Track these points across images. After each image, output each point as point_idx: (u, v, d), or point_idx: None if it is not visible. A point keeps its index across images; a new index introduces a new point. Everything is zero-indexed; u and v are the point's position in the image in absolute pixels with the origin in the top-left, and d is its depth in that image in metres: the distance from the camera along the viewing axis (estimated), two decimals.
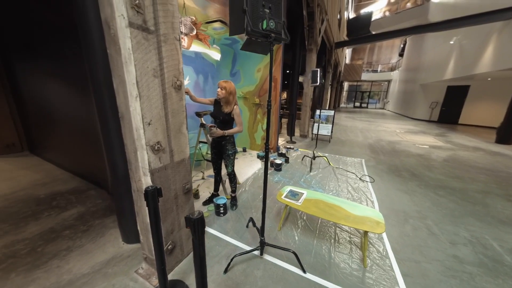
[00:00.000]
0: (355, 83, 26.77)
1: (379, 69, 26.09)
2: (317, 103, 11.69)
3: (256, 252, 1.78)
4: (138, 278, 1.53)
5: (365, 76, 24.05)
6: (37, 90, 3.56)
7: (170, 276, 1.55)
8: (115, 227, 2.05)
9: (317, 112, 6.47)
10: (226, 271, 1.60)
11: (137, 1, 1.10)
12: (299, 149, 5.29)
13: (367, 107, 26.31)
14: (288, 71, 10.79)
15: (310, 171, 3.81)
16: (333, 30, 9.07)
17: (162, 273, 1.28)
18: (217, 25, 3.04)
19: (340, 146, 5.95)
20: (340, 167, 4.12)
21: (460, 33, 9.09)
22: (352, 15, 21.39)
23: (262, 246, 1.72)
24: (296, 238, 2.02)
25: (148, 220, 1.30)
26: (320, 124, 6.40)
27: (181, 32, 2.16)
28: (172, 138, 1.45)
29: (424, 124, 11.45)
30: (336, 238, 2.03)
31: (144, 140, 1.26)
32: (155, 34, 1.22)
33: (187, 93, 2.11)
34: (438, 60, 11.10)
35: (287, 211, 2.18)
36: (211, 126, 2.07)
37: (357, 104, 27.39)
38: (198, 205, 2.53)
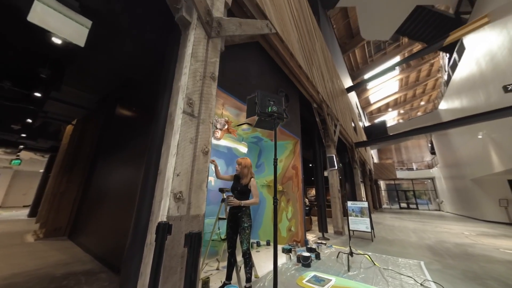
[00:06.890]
0: (393, 182, 25.19)
1: (414, 167, 25.14)
2: (350, 198, 10.87)
3: None
4: None
5: (401, 174, 22.99)
6: (101, 174, 4.46)
7: None
8: None
9: (348, 204, 6.01)
10: None
11: (191, 101, 1.81)
12: (333, 246, 4.46)
13: (417, 208, 22.69)
14: (310, 165, 11.38)
15: (349, 270, 3.03)
16: (349, 133, 10.28)
17: None
18: (245, 126, 4.02)
19: (387, 246, 4.83)
20: (390, 268, 3.20)
21: (484, 127, 9.13)
22: (367, 123, 24.46)
23: None
24: None
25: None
26: (354, 218, 5.70)
27: (216, 127, 2.97)
28: (193, 192, 1.66)
29: (503, 227, 8.92)
30: None
31: (170, 187, 1.51)
32: (197, 118, 1.84)
33: (213, 163, 2.52)
34: (475, 154, 10.54)
35: None
36: (228, 196, 2.23)
37: (403, 205, 24.16)
38: None
